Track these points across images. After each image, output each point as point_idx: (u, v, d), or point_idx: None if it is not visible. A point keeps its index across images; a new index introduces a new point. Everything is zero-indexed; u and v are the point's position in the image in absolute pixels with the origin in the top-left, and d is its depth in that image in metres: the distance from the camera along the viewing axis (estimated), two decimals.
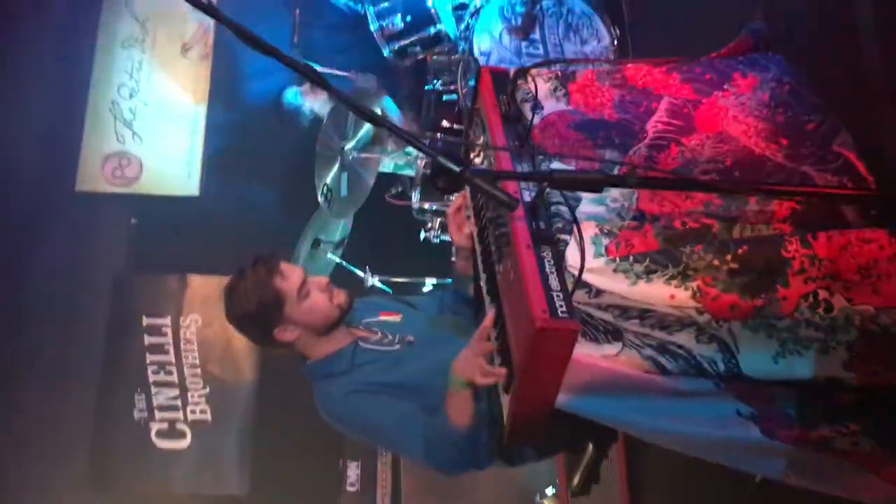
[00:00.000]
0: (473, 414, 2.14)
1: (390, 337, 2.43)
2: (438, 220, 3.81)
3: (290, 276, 2.30)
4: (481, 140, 2.16)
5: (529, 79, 2.16)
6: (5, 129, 4.58)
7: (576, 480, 2.40)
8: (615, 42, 3.46)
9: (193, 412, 4.60)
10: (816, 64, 2.21)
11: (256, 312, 2.29)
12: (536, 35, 3.49)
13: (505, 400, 1.77)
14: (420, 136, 1.47)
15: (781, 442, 1.76)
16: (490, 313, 1.98)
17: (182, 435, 4.57)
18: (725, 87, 2.24)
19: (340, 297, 2.36)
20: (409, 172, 3.81)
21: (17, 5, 4.59)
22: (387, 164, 3.86)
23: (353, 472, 4.06)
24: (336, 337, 2.40)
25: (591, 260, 1.67)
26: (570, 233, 1.72)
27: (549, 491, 3.71)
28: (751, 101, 2.19)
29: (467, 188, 2.21)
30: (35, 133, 4.72)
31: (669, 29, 3.09)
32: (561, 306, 1.56)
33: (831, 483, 1.81)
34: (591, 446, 2.36)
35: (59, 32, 4.88)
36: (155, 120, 5.05)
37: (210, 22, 5.15)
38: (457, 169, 1.46)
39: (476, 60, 2.23)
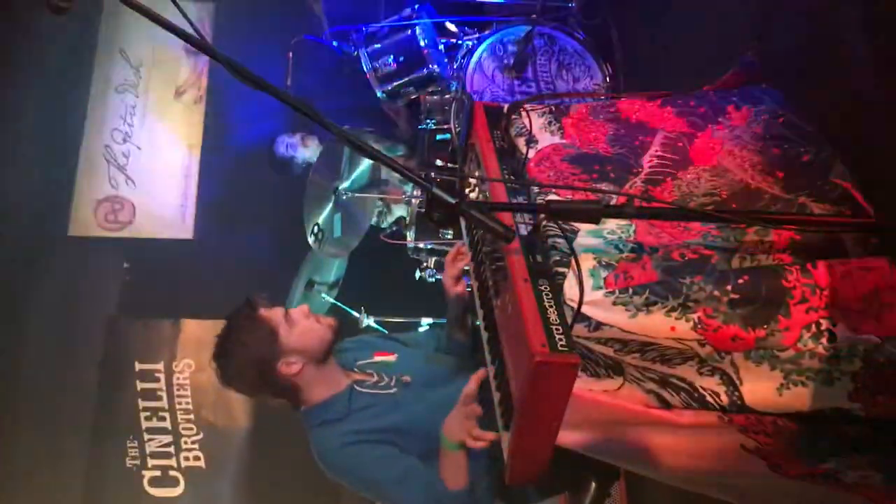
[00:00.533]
0: (468, 473, 2.12)
1: (386, 379, 2.41)
2: (434, 258, 3.79)
3: (272, 309, 2.34)
4: (477, 174, 2.15)
5: (523, 113, 2.16)
6: None
7: None
8: (607, 79, 3.48)
9: (187, 459, 4.52)
10: (810, 95, 2.21)
11: (255, 352, 2.28)
12: (529, 73, 3.50)
13: (505, 437, 1.73)
14: (415, 170, 1.47)
15: (789, 477, 1.73)
16: (475, 376, 1.98)
17: (175, 482, 4.49)
18: (720, 120, 2.24)
19: (327, 319, 2.40)
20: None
21: (12, 49, 4.61)
22: None
23: None
24: (332, 380, 2.38)
25: (589, 292, 1.65)
26: (568, 266, 1.70)
27: None
28: (745, 133, 2.19)
29: (464, 238, 2.22)
30: (28, 177, 4.71)
31: (660, 66, 3.11)
32: (560, 340, 1.54)
33: None
34: (593, 485, 2.32)
35: (54, 76, 4.90)
36: (148, 164, 5.05)
37: (203, 66, 5.19)
38: (452, 201, 1.45)
39: (470, 97, 2.24)
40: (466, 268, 2.29)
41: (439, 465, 2.14)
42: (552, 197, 1.90)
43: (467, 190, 2.17)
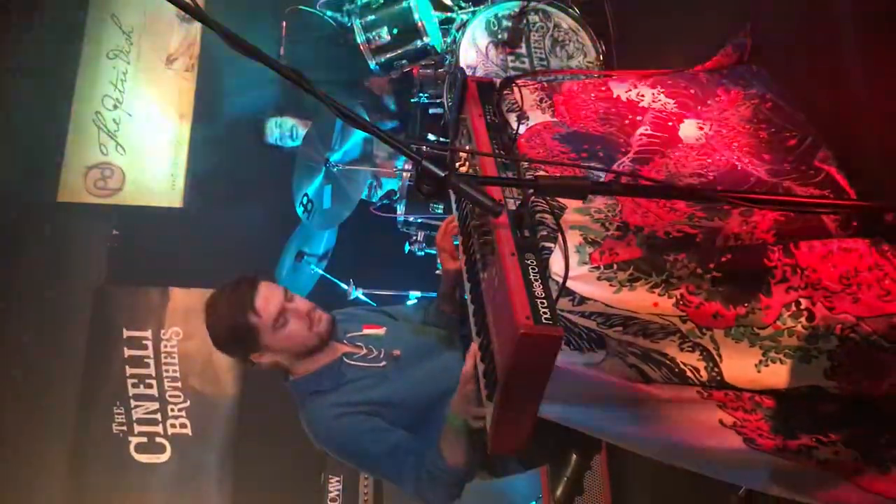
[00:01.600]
0: (467, 455, 2.14)
1: (376, 352, 2.41)
2: (423, 232, 3.81)
3: (268, 304, 2.25)
4: (467, 149, 2.16)
5: (515, 89, 2.16)
6: None
7: (559, 492, 2.39)
8: (601, 57, 3.48)
9: (173, 426, 4.56)
10: (799, 77, 2.24)
11: (232, 337, 2.28)
12: (523, 49, 3.50)
13: (489, 408, 1.76)
14: (405, 141, 1.47)
15: (763, 451, 1.76)
16: (471, 356, 1.98)
17: (161, 449, 4.53)
18: (709, 101, 2.26)
19: (321, 325, 2.32)
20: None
21: (3, 14, 4.57)
22: None
23: (334, 487, 4.02)
24: (321, 353, 2.38)
25: (575, 267, 1.67)
26: (555, 241, 1.72)
27: None
28: (734, 116, 2.22)
29: (454, 212, 2.23)
30: (17, 142, 4.69)
31: (655, 44, 3.12)
32: (545, 313, 1.56)
33: (813, 493, 1.81)
34: (574, 457, 2.35)
35: (44, 42, 4.86)
36: (139, 131, 5.03)
37: (195, 34, 5.15)
38: (441, 173, 1.46)
39: (463, 71, 2.24)
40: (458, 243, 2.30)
41: (442, 437, 2.15)
42: (541, 173, 1.92)
43: (458, 164, 2.18)
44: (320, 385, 2.32)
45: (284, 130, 4.36)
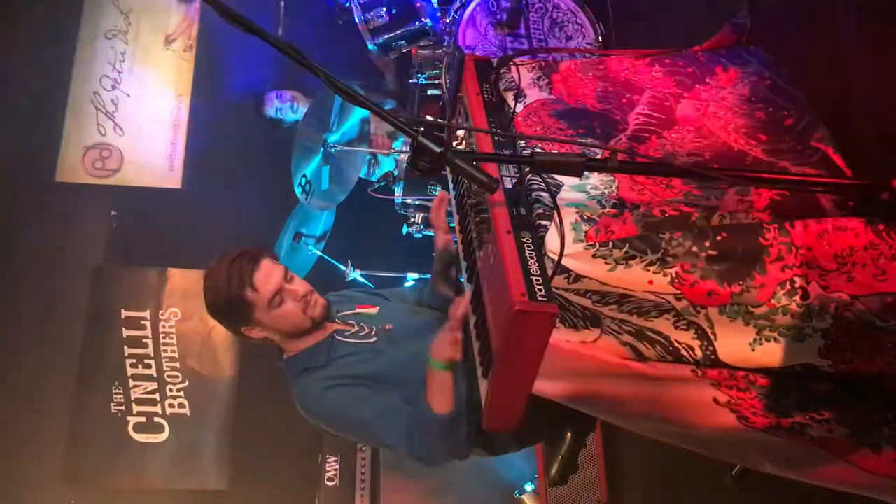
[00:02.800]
0: (453, 400, 2.15)
1: (367, 329, 2.42)
2: (421, 214, 3.81)
3: (267, 283, 2.24)
4: (464, 126, 2.16)
5: (513, 67, 2.16)
6: None
7: (553, 471, 2.40)
8: (600, 38, 3.48)
9: (172, 406, 4.57)
10: (797, 57, 2.23)
11: (226, 308, 2.28)
12: (521, 30, 3.49)
13: (483, 384, 1.77)
14: (402, 117, 1.47)
15: (757, 429, 1.77)
16: (461, 300, 1.99)
17: (160, 429, 4.54)
18: (707, 81, 2.26)
19: (316, 309, 2.33)
20: None
21: None
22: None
23: (332, 466, 4.04)
24: (313, 332, 2.38)
25: (570, 245, 1.67)
26: (551, 219, 1.72)
27: (529, 487, 3.73)
28: (732, 95, 2.21)
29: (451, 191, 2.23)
30: (15, 123, 4.68)
31: (653, 25, 3.11)
32: (540, 290, 1.57)
33: (806, 471, 1.82)
34: (569, 436, 2.36)
35: (42, 22, 4.84)
36: (137, 111, 5.02)
37: (194, 14, 5.13)
38: (438, 149, 1.46)
39: (461, 50, 2.23)
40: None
41: (426, 388, 2.15)
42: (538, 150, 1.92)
43: (455, 144, 2.18)
44: (311, 362, 2.34)
45: (285, 101, 4.35)
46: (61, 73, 4.97)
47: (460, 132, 2.19)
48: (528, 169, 1.75)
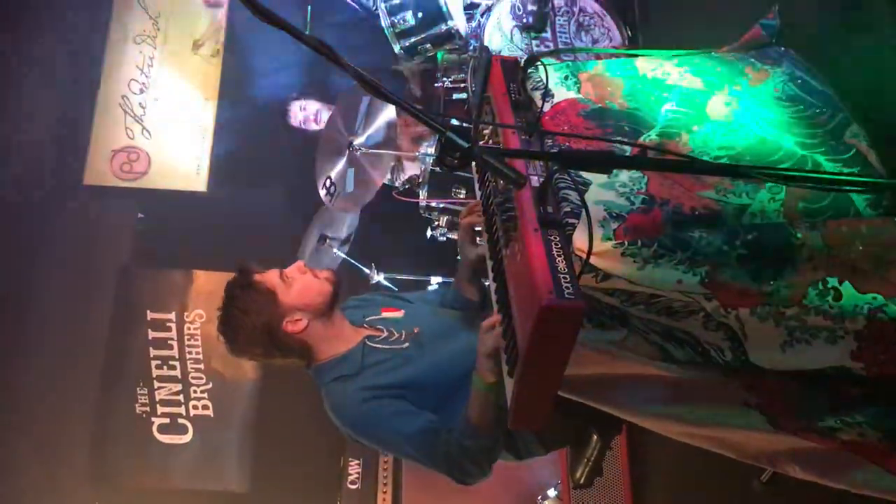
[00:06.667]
0: (496, 420, 2.10)
1: (397, 334, 2.40)
2: (445, 218, 3.80)
3: (265, 274, 2.33)
4: (491, 127, 2.15)
5: (540, 67, 2.15)
6: (15, 120, 4.61)
7: (578, 473, 2.38)
8: (626, 42, 3.46)
9: (195, 407, 4.60)
10: (829, 57, 2.20)
11: (258, 317, 2.28)
12: (548, 34, 3.48)
13: (509, 384, 1.75)
14: (430, 113, 1.47)
15: (787, 433, 1.75)
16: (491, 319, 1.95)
17: (184, 430, 4.57)
18: (737, 79, 2.23)
19: (324, 272, 2.39)
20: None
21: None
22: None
23: (354, 469, 4.04)
24: (344, 335, 2.38)
25: (598, 243, 1.65)
26: (578, 217, 1.71)
27: (552, 493, 3.70)
28: (762, 93, 2.18)
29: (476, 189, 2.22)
30: (45, 125, 4.75)
31: (680, 28, 3.09)
32: (567, 287, 1.55)
33: (837, 476, 1.79)
34: (595, 438, 2.34)
35: (72, 26, 4.92)
36: (165, 115, 5.07)
37: (222, 19, 5.18)
38: (465, 145, 1.46)
39: (487, 49, 2.23)
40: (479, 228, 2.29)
41: (469, 407, 2.11)
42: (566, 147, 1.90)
43: (482, 143, 2.17)
44: (343, 370, 2.32)
45: (309, 114, 4.38)
46: (90, 77, 5.04)
47: (486, 133, 2.19)
48: (555, 167, 1.74)
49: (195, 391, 4.60)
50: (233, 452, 4.56)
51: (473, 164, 1.87)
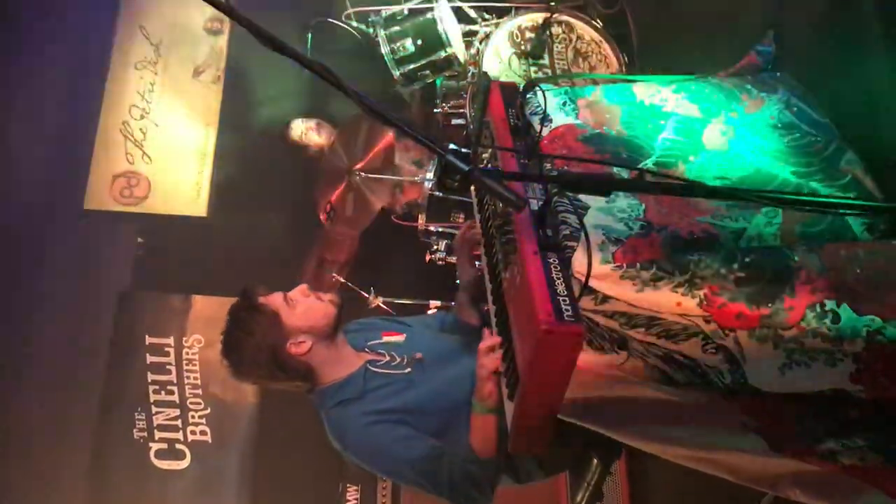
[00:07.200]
0: (498, 444, 2.10)
1: (399, 359, 2.40)
2: (444, 242, 3.81)
3: (269, 297, 2.31)
4: (490, 152, 2.17)
5: (539, 92, 2.17)
6: (16, 144, 4.63)
7: (579, 497, 2.37)
8: (623, 69, 3.49)
9: (194, 433, 4.56)
10: (824, 82, 2.23)
11: (262, 340, 2.26)
12: (546, 60, 3.52)
13: (509, 406, 1.75)
14: (430, 136, 1.48)
15: (787, 456, 1.74)
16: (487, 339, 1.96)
17: (181, 455, 4.53)
18: (733, 106, 2.26)
19: (328, 295, 2.37)
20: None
21: (32, 24, 4.66)
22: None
23: (352, 495, 4.00)
24: (346, 360, 2.37)
25: (597, 266, 1.66)
26: (577, 240, 1.72)
27: None
28: (758, 121, 2.21)
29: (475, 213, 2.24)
30: (45, 150, 4.76)
31: (677, 53, 3.12)
32: (567, 310, 1.56)
33: (839, 500, 1.78)
34: (595, 462, 2.33)
35: (73, 52, 4.94)
36: (165, 141, 5.08)
37: (222, 46, 5.22)
38: (465, 168, 1.47)
39: (486, 75, 2.25)
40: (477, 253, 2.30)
41: (471, 433, 2.11)
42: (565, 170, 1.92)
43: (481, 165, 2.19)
44: (345, 394, 2.30)
45: (310, 124, 4.39)
46: (91, 103, 5.05)
47: (486, 157, 2.21)
48: (554, 189, 1.75)
49: (193, 416, 4.57)
50: (231, 478, 4.52)
51: (473, 187, 1.88)
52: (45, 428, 4.41)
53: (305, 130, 4.43)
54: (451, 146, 1.51)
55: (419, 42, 3.75)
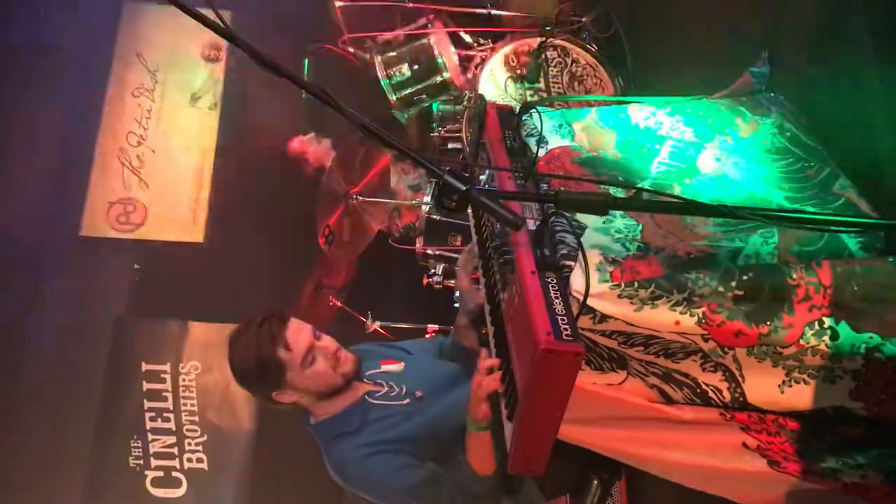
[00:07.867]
0: (496, 459, 2.10)
1: (397, 390, 2.38)
2: (442, 265, 3.81)
3: (298, 340, 2.23)
4: (487, 174, 2.18)
5: (535, 114, 2.19)
6: (13, 171, 4.64)
7: None
8: (619, 92, 3.52)
9: (190, 460, 4.53)
10: (818, 104, 2.25)
11: (258, 372, 2.24)
12: (541, 84, 3.55)
13: (508, 427, 1.75)
14: (428, 157, 1.49)
15: (788, 474, 1.74)
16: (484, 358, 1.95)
17: (178, 483, 4.50)
18: (727, 130, 2.27)
19: (346, 365, 2.30)
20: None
21: (30, 51, 4.69)
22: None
23: None
24: (341, 394, 2.34)
25: (595, 285, 1.67)
26: (575, 259, 1.72)
27: None
28: (752, 146, 2.23)
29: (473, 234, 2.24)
30: (42, 177, 4.77)
31: (671, 76, 3.15)
32: (565, 329, 1.56)
33: None
34: (595, 484, 2.32)
35: (71, 79, 4.97)
36: (162, 167, 5.09)
37: (220, 72, 5.25)
38: (463, 187, 1.48)
39: (483, 98, 2.27)
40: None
41: (467, 451, 2.11)
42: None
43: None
44: (344, 427, 2.29)
45: (310, 137, 4.42)
46: (88, 129, 5.07)
47: (483, 179, 2.22)
48: (552, 209, 1.76)
49: (190, 443, 4.54)
50: None
51: (470, 208, 1.89)
52: (40, 456, 4.38)
53: (302, 143, 4.46)
54: (449, 164, 1.52)
55: (415, 67, 3.78)
